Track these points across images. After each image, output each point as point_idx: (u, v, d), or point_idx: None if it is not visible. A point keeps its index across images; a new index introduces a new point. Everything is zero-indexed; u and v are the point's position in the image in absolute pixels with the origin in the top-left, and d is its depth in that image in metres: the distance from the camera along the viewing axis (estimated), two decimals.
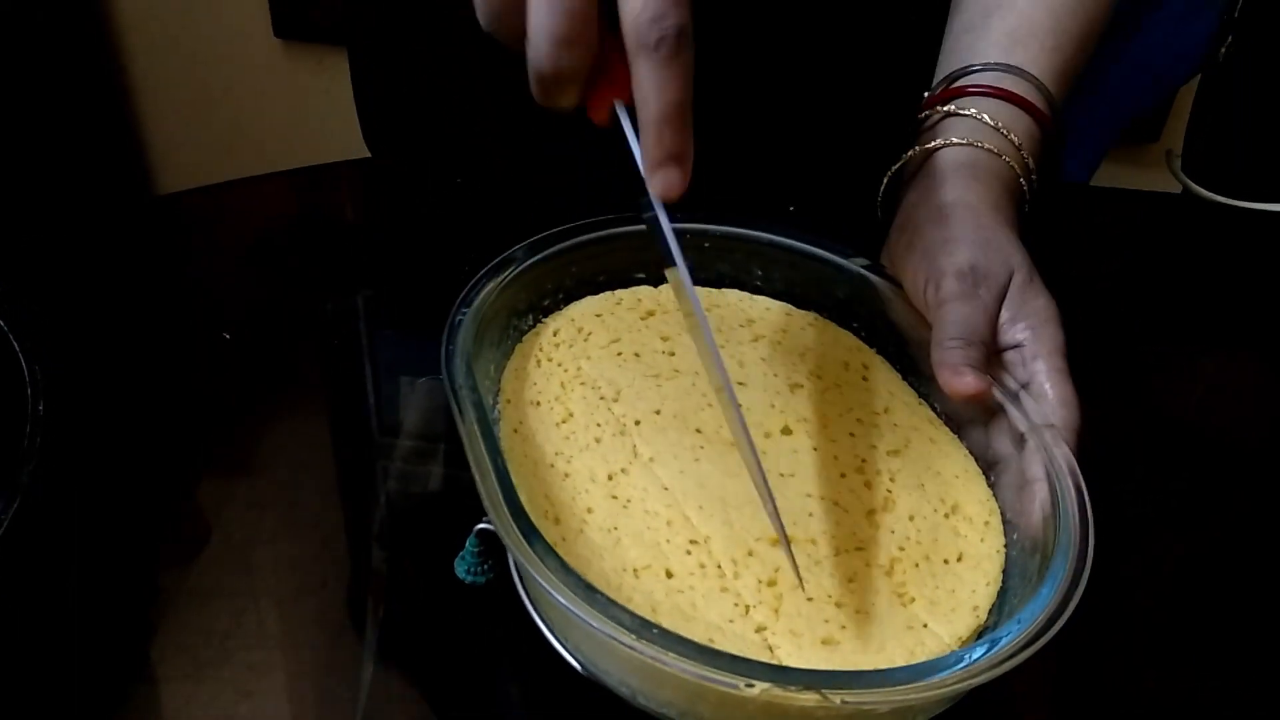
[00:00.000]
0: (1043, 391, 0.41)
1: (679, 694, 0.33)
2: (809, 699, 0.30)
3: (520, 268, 0.45)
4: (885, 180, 0.51)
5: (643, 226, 0.48)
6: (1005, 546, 0.39)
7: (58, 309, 0.53)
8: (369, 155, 0.76)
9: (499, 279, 0.44)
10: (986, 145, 0.48)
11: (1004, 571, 0.38)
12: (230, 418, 0.50)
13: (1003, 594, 0.38)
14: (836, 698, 0.30)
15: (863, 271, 0.48)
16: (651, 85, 0.33)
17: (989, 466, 0.42)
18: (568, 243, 0.47)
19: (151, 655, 0.39)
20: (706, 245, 0.49)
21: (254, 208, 0.64)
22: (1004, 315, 0.43)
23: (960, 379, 0.40)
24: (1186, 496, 0.50)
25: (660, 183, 0.34)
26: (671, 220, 0.36)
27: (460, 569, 0.40)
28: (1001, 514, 0.40)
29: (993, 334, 0.42)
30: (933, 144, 0.49)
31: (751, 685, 0.30)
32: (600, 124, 0.36)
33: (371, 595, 0.42)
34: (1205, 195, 0.64)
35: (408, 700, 0.38)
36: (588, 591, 0.32)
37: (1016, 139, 0.49)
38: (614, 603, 0.31)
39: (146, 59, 1.47)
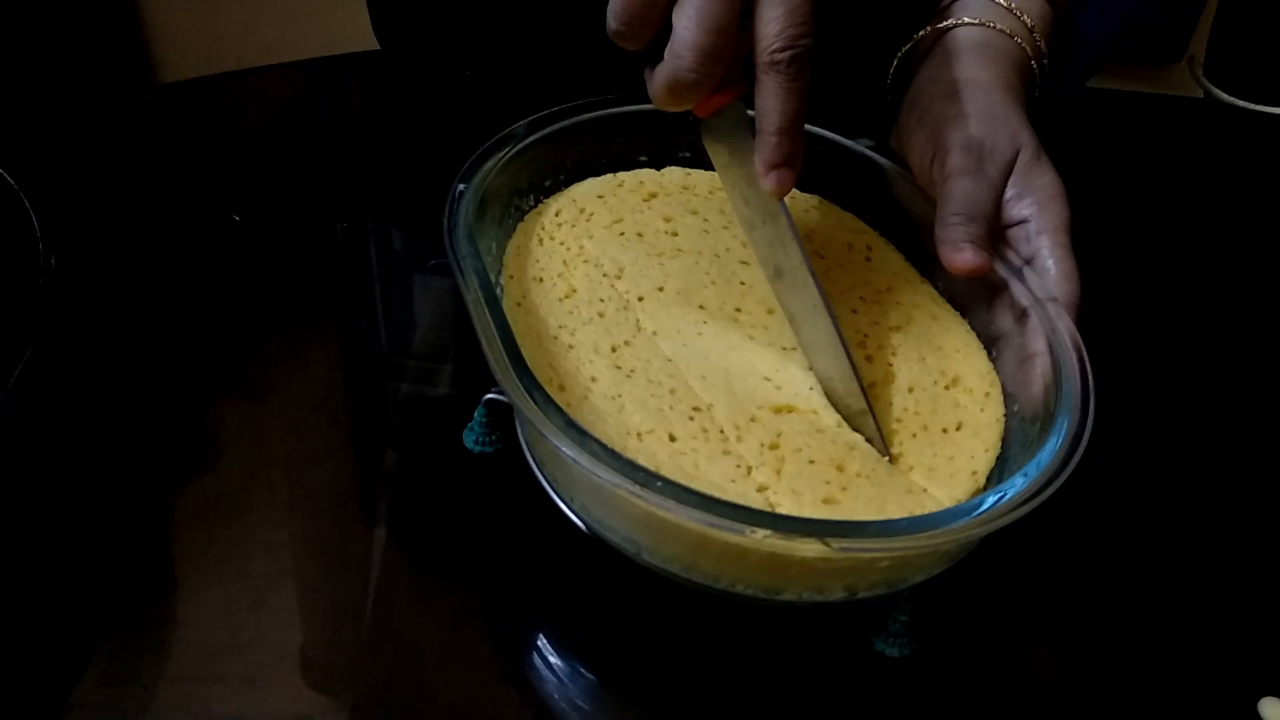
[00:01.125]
0: (1045, 267, 0.41)
1: (682, 547, 0.33)
2: (811, 547, 0.30)
3: (521, 145, 0.45)
4: (896, 61, 0.50)
5: (644, 107, 0.48)
6: (1005, 417, 0.39)
7: (64, 194, 0.52)
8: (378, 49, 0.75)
9: (499, 155, 0.44)
10: (999, 25, 0.48)
11: (1003, 440, 0.39)
12: (237, 301, 0.50)
13: (1002, 461, 0.38)
14: (837, 545, 0.30)
15: (867, 153, 0.47)
16: (777, 99, 0.36)
17: (991, 343, 0.42)
18: (568, 121, 0.46)
19: (173, 515, 0.39)
20: None
21: (262, 97, 0.63)
22: (1009, 191, 0.43)
23: (960, 254, 0.40)
24: (1196, 412, 0.50)
25: (774, 181, 0.37)
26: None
27: (469, 439, 0.40)
28: (1002, 387, 0.41)
29: (996, 210, 0.42)
30: (944, 24, 0.48)
31: (755, 530, 0.30)
32: (701, 117, 0.39)
33: (382, 465, 0.43)
34: (1227, 100, 0.63)
35: (419, 563, 0.39)
36: (593, 444, 0.32)
37: (1029, 20, 0.48)
38: (620, 455, 0.32)
39: None
